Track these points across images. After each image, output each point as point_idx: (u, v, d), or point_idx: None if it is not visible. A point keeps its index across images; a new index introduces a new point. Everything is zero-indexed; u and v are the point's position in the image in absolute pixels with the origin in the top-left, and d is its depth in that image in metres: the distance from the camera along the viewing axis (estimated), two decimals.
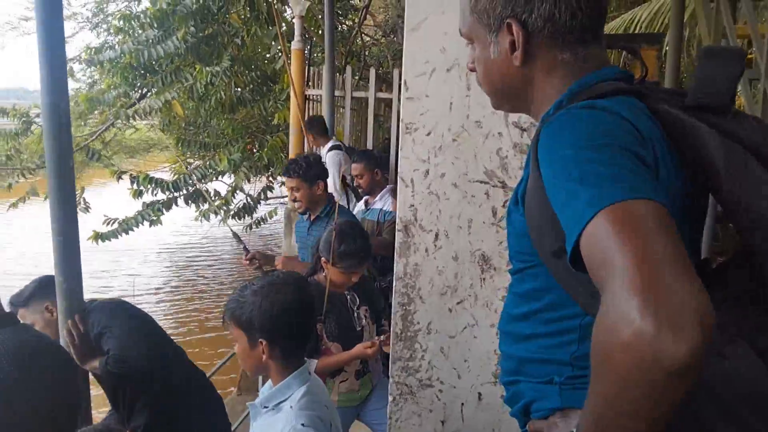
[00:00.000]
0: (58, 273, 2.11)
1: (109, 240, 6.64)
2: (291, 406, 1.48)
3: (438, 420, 1.77)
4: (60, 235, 2.09)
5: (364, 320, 2.58)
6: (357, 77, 6.75)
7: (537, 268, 0.91)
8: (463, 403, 1.74)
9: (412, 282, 1.74)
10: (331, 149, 5.14)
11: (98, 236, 6.55)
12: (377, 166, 4.05)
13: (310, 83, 6.27)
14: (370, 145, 6.12)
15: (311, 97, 6.24)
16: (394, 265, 1.75)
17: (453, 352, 1.74)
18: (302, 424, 1.43)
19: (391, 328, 1.81)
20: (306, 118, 5.57)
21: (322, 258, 2.52)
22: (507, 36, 0.92)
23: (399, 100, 5.81)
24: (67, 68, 2.25)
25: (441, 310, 1.73)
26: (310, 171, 3.07)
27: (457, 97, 1.62)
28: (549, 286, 0.89)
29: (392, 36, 9.12)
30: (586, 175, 0.72)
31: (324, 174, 3.18)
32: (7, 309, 1.94)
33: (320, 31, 7.41)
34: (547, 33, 0.90)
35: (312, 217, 3.19)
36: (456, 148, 1.63)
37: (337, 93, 5.92)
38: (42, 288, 2.27)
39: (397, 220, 1.72)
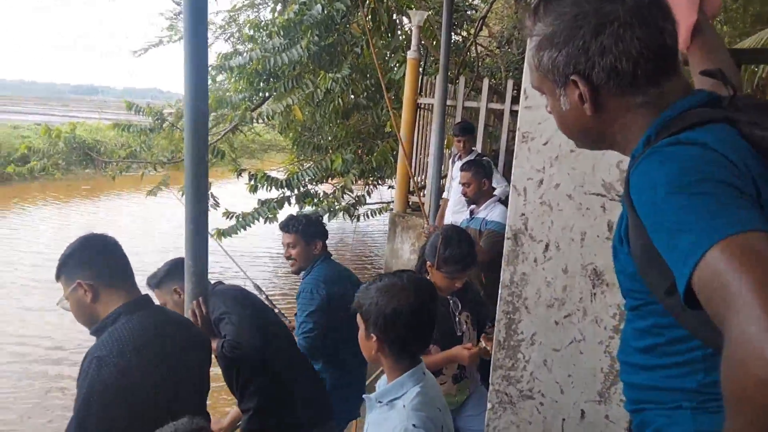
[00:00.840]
0: (188, 257, 2.31)
1: (230, 236, 7.07)
2: (404, 405, 1.51)
3: None
4: (192, 223, 2.28)
5: (464, 326, 2.59)
6: (469, 88, 6.76)
7: (653, 305, 0.90)
8: (564, 419, 1.71)
9: (518, 291, 1.74)
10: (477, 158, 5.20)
11: (221, 233, 6.97)
12: (485, 176, 4.05)
13: (422, 92, 6.36)
14: None
15: (423, 106, 6.32)
16: (501, 272, 1.76)
17: (557, 366, 1.71)
18: (413, 425, 1.45)
19: (494, 336, 1.81)
20: (456, 123, 5.64)
21: (428, 262, 2.56)
22: (574, 90, 0.92)
23: (510, 111, 5.78)
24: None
25: (547, 322, 1.72)
26: (309, 229, 2.93)
27: None
28: (668, 323, 0.89)
29: (507, 47, 9.03)
30: (687, 213, 0.71)
31: (323, 234, 2.99)
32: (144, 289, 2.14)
33: (435, 42, 7.50)
34: (614, 84, 0.89)
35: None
36: (573, 159, 1.62)
37: (448, 102, 5.97)
38: (172, 271, 2.47)
39: (507, 229, 1.73)
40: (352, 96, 7.79)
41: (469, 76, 7.28)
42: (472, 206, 4.10)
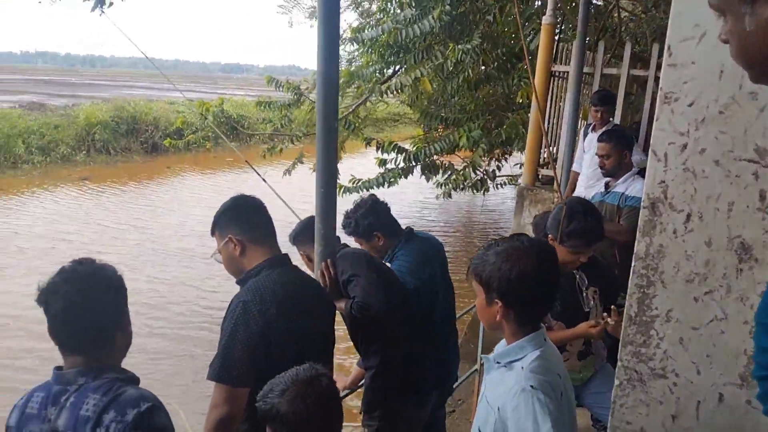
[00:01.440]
0: (318, 221, 2.43)
1: (350, 193, 7.32)
2: (522, 367, 1.50)
3: (668, 414, 1.65)
4: (322, 187, 2.39)
5: (592, 302, 2.49)
6: (609, 54, 6.33)
7: None
8: (699, 401, 1.60)
9: (654, 264, 1.63)
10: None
11: (343, 189, 7.28)
12: (627, 147, 3.78)
13: (557, 59, 6.06)
14: None
15: (557, 74, 6.04)
16: (636, 244, 1.66)
17: (694, 345, 1.60)
18: (531, 386, 1.44)
19: (625, 311, 1.72)
20: (595, 91, 5.37)
21: (549, 236, 2.48)
22: (765, 5, 0.80)
23: (655, 78, 5.35)
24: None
25: (685, 298, 1.60)
26: (360, 228, 2.84)
27: (729, 64, 1.45)
28: None
29: (653, 10, 8.30)
30: None
31: (378, 226, 2.84)
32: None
33: (573, 5, 7.10)
34: None
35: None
36: (723, 122, 1.47)
37: (585, 70, 5.64)
38: (304, 231, 2.61)
39: (644, 197, 1.62)
40: (483, 67, 7.62)
41: (609, 43, 6.82)
42: (608, 179, 3.86)
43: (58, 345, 1.51)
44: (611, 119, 5.01)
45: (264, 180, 2.84)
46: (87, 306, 1.46)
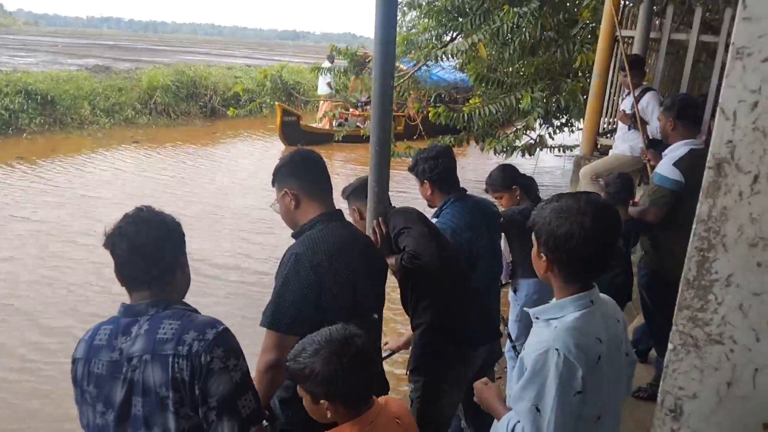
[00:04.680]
0: (371, 179, 2.46)
1: (400, 158, 7.32)
2: (556, 327, 1.49)
3: (723, 381, 1.61)
4: (376, 145, 2.41)
5: None
6: (678, 22, 6.03)
7: None
8: (757, 369, 1.55)
9: (716, 227, 1.58)
10: (647, 90, 4.82)
11: (395, 154, 7.31)
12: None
13: (621, 24, 5.82)
14: None
15: (622, 39, 5.80)
16: (698, 206, 1.61)
17: (754, 312, 1.55)
18: (556, 349, 1.43)
19: (683, 274, 1.68)
20: (621, 57, 5.24)
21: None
22: None
23: (726, 46, 5.07)
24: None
25: (748, 262, 1.54)
26: (418, 168, 2.86)
27: None
28: None
29: None
30: None
31: (431, 175, 2.84)
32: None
33: None
34: None
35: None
36: None
37: (652, 35, 5.40)
38: (358, 188, 2.65)
39: (709, 156, 1.56)
40: (541, 32, 7.40)
41: (679, 8, 6.49)
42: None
43: (125, 283, 1.60)
44: (644, 82, 4.93)
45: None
46: (149, 245, 1.55)
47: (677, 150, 3.31)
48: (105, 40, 50.88)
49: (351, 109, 13.09)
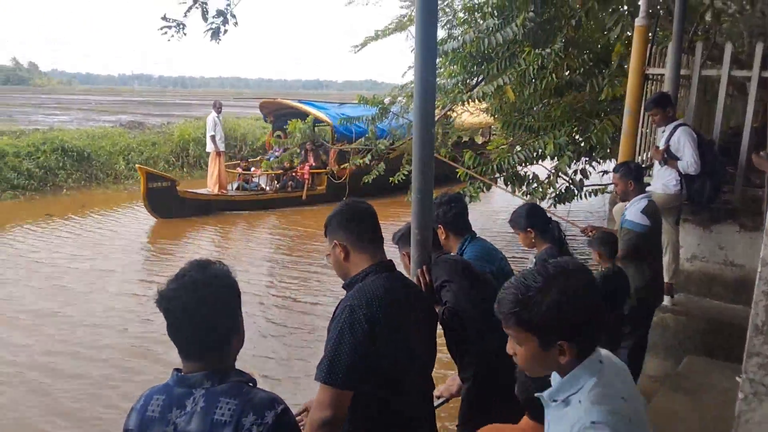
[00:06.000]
0: (414, 226, 2.43)
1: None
2: (580, 401, 1.38)
3: None
4: (419, 193, 2.40)
5: None
6: (704, 57, 6.00)
7: None
8: None
9: None
10: (679, 125, 4.82)
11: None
12: (631, 177, 4.19)
13: (650, 62, 5.82)
14: (716, 132, 5.42)
15: (651, 77, 5.79)
16: (762, 249, 1.55)
17: None
18: (592, 422, 1.31)
19: (750, 320, 1.61)
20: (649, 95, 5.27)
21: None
22: None
23: (759, 79, 5.02)
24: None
25: None
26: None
27: None
28: None
29: (749, 9, 7.79)
30: None
31: (444, 220, 3.01)
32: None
33: (664, 8, 6.80)
34: None
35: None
36: None
37: (682, 72, 5.38)
38: (407, 233, 2.63)
39: None
40: (567, 73, 7.43)
41: (705, 44, 6.48)
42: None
43: (177, 349, 1.53)
44: (670, 116, 4.95)
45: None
46: (205, 312, 1.48)
47: (639, 202, 4.17)
48: (136, 96, 52.72)
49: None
